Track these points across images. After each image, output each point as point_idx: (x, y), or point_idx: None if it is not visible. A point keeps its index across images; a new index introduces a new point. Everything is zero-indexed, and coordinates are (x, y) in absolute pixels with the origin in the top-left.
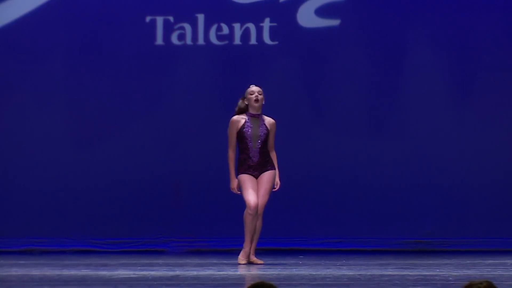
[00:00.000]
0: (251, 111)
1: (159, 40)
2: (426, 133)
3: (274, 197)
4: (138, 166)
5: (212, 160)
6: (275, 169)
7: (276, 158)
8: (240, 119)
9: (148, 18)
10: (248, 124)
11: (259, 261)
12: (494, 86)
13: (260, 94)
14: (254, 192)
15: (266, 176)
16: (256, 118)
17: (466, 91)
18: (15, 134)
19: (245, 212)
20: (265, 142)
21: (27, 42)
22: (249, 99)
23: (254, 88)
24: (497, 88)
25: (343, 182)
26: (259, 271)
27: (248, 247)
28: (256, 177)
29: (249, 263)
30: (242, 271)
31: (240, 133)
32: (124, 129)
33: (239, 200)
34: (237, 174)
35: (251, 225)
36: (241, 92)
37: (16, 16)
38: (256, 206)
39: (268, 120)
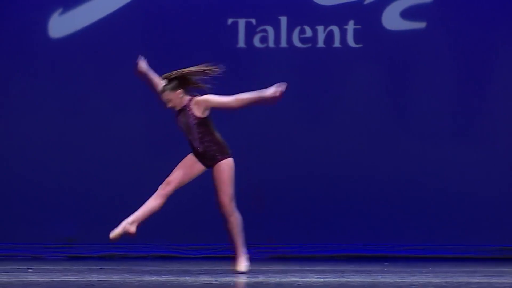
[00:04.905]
0: None
1: (241, 43)
2: None
3: (359, 203)
4: None
5: (294, 166)
6: (227, 157)
7: (246, 95)
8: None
9: (230, 21)
10: (178, 116)
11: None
12: None
13: (169, 102)
14: (178, 171)
15: (219, 169)
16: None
17: None
18: (96, 138)
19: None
20: (201, 127)
21: (105, 45)
22: None
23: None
24: None
25: (429, 187)
26: (343, 278)
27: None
28: (206, 165)
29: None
30: (326, 277)
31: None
32: None
33: (322, 206)
34: None
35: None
36: (324, 96)
37: (96, 19)
38: (166, 187)
39: (193, 103)
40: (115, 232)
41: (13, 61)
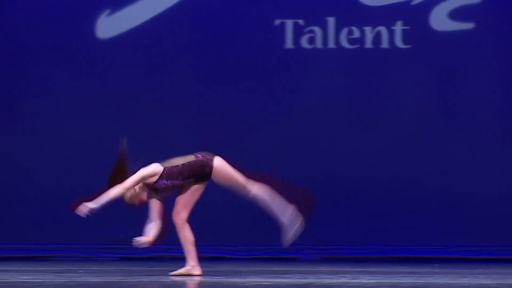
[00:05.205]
0: None
1: (289, 44)
2: None
3: (410, 204)
4: (270, 171)
5: (346, 167)
6: (212, 158)
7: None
8: None
9: (277, 21)
10: (156, 196)
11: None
12: None
13: (138, 200)
14: (179, 198)
15: (217, 170)
16: None
17: None
18: (149, 137)
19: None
20: (173, 179)
21: (152, 47)
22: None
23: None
24: None
25: (479, 189)
26: (393, 279)
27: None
28: (206, 179)
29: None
30: (377, 279)
31: None
32: (254, 134)
33: (374, 208)
34: None
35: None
36: (373, 97)
37: (143, 20)
38: (177, 217)
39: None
40: (176, 272)
41: (61, 61)
